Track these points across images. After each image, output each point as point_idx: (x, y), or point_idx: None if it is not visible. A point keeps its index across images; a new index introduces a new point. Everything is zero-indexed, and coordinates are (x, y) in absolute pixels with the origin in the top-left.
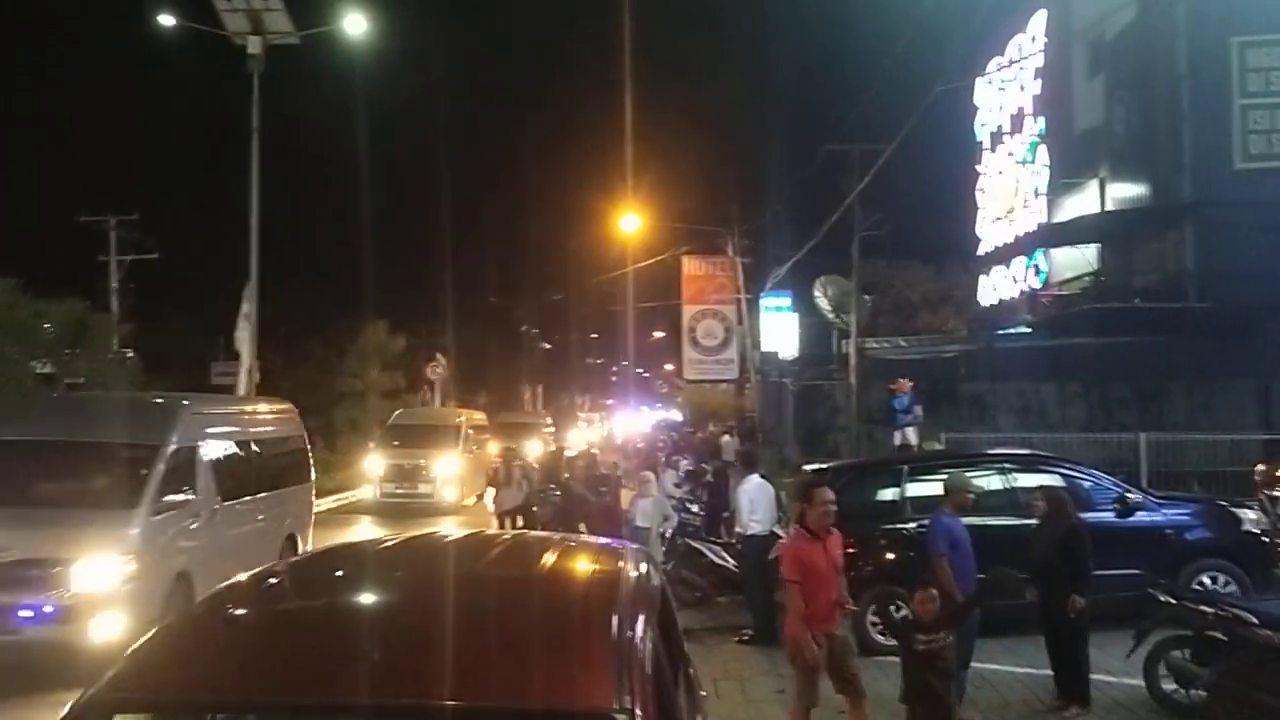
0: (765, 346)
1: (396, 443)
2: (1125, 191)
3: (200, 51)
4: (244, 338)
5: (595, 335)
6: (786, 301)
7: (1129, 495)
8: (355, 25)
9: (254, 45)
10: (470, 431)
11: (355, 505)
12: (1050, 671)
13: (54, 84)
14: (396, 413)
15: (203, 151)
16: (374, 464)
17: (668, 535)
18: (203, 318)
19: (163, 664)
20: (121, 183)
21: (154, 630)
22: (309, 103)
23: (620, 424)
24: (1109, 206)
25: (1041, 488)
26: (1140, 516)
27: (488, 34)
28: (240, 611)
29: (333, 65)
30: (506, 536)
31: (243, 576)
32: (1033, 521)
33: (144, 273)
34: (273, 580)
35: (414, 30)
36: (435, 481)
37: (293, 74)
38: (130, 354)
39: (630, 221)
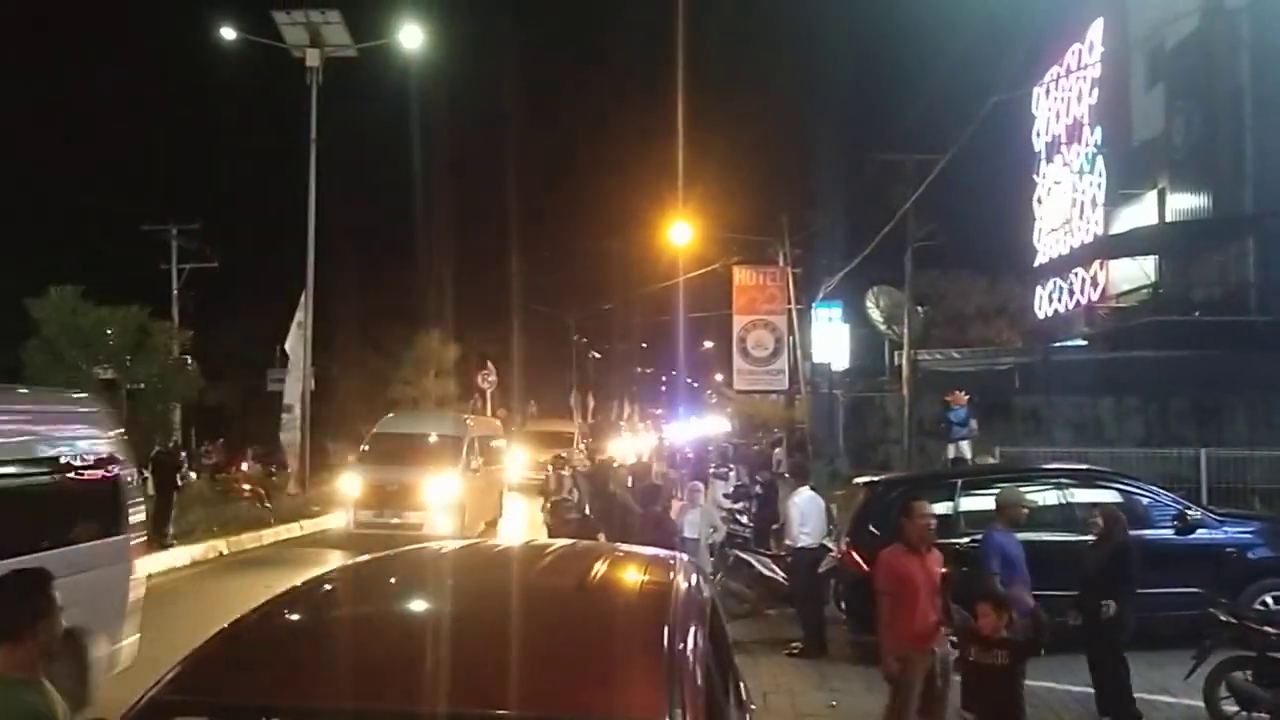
0: (816, 358)
1: (381, 456)
2: (1185, 203)
3: (261, 63)
4: (296, 345)
5: (645, 345)
6: (838, 312)
7: (1189, 512)
8: (411, 38)
9: (312, 58)
10: (479, 442)
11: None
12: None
13: (119, 95)
14: (386, 417)
15: (262, 161)
16: (349, 484)
17: (716, 546)
18: (260, 325)
19: (223, 667)
20: (183, 192)
21: (213, 633)
22: (366, 113)
23: (670, 433)
24: (1168, 218)
25: (1099, 506)
26: (1200, 534)
27: (541, 46)
28: (298, 616)
29: (389, 76)
30: (557, 546)
31: (300, 582)
32: (1089, 538)
33: (204, 280)
34: (330, 586)
35: (468, 42)
36: (427, 508)
37: (350, 85)
38: (190, 360)
39: (681, 232)
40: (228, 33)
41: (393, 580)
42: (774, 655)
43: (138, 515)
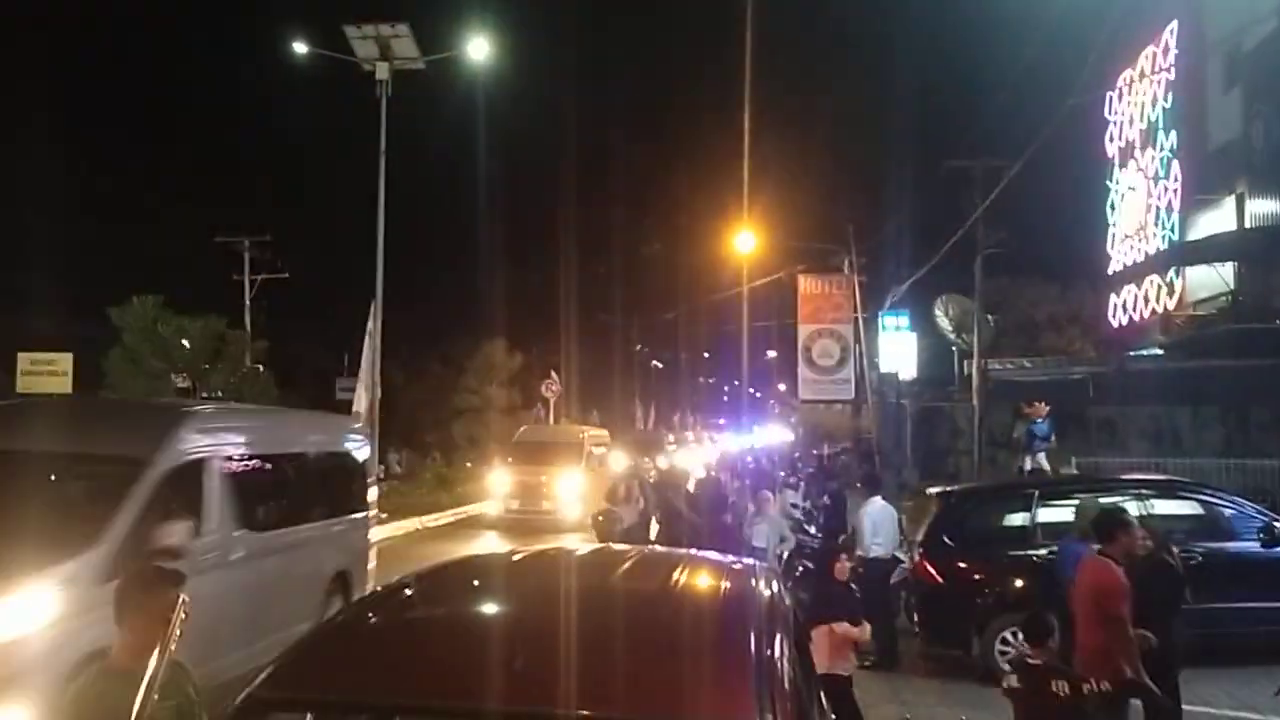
0: (883, 367)
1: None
2: (1264, 208)
3: (330, 76)
4: (366, 354)
5: (707, 354)
6: (905, 321)
7: (1276, 524)
8: (478, 50)
9: (382, 71)
10: (205, 484)
11: None
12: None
13: (192, 109)
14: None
15: (331, 173)
16: None
17: (784, 557)
18: (329, 335)
19: (320, 664)
20: (255, 204)
21: (310, 630)
22: (433, 124)
23: (729, 443)
24: (1248, 223)
25: (1143, 524)
26: None
27: (606, 54)
28: (392, 615)
29: (455, 87)
30: (639, 552)
31: (393, 581)
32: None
33: (275, 291)
34: (422, 585)
35: (533, 52)
36: None
37: (417, 96)
38: (263, 369)
39: (745, 240)
40: (299, 47)
41: (481, 581)
42: None
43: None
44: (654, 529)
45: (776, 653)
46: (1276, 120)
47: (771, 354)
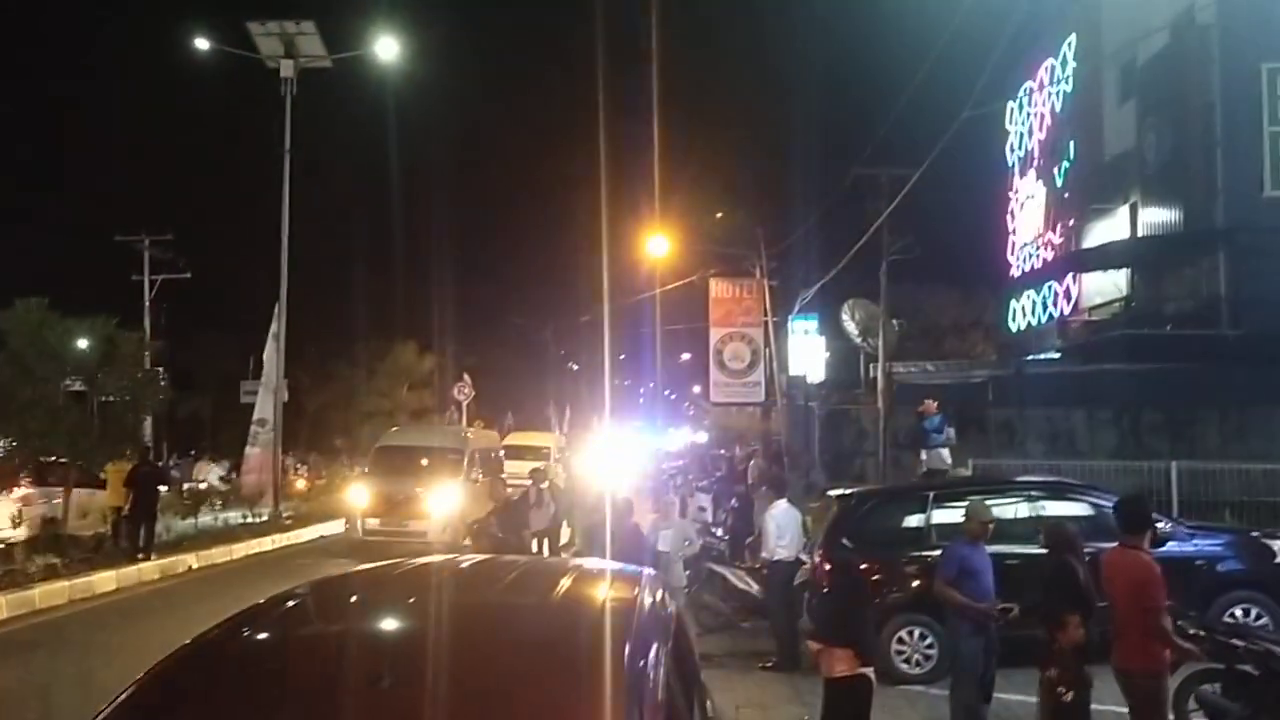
0: (792, 370)
1: None
2: (1157, 217)
3: (237, 74)
4: (270, 357)
5: (623, 356)
6: (814, 325)
7: (1159, 525)
8: (387, 50)
9: (286, 68)
10: None
11: None
12: None
13: (91, 106)
14: None
15: (236, 172)
16: None
17: (691, 559)
18: (234, 337)
19: (167, 696)
20: (156, 203)
21: (159, 661)
22: (341, 124)
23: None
24: (1140, 232)
25: (1046, 525)
26: (1171, 547)
27: (516, 58)
28: (245, 639)
29: (365, 87)
30: (521, 561)
31: (249, 605)
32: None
33: (177, 291)
34: (283, 606)
35: (444, 53)
36: None
37: (326, 96)
38: (161, 372)
39: (658, 244)
40: (201, 43)
41: (343, 601)
42: (747, 669)
43: None
44: (564, 533)
45: (650, 662)
46: (1168, 132)
47: (685, 356)
